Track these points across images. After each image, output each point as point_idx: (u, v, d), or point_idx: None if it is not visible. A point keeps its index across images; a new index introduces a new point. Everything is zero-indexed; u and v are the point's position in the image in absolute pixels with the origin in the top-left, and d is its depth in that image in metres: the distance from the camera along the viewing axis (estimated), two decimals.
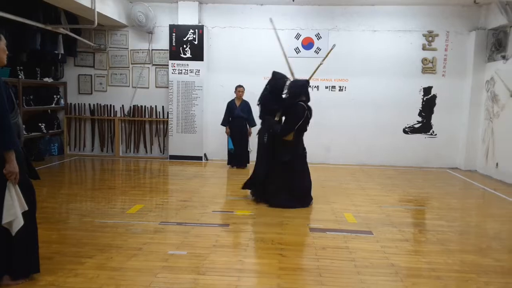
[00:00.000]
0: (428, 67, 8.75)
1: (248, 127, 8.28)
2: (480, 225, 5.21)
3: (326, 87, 8.84)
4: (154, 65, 9.15)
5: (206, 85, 8.86)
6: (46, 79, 8.64)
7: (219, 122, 8.33)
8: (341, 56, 8.16)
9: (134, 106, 9.23)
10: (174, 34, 8.66)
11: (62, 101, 9.24)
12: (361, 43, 8.73)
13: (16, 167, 2.89)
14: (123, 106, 9.26)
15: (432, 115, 8.87)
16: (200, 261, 3.66)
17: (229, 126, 8.25)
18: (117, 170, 8.00)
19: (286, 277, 3.42)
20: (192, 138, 8.87)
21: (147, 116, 9.24)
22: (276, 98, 5.74)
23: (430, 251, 4.07)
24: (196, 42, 8.64)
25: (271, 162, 5.63)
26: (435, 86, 8.79)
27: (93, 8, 7.16)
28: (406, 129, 8.96)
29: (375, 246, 4.15)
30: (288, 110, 5.59)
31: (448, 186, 7.34)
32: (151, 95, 9.21)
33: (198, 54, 8.68)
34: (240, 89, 8.26)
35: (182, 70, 8.75)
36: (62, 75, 9.27)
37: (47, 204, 5.30)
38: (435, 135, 8.91)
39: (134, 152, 9.37)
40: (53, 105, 8.98)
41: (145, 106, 9.22)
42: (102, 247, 3.90)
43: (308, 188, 5.67)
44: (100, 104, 9.28)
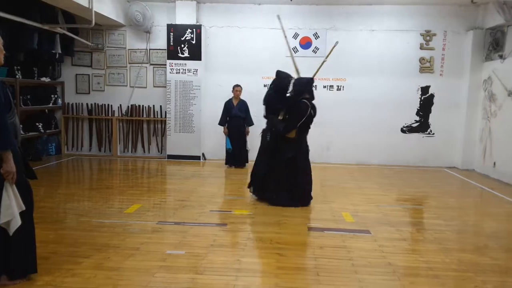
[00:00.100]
0: (425, 66, 8.77)
1: (245, 127, 8.28)
2: (478, 224, 5.23)
3: (324, 87, 8.85)
4: (152, 64, 9.14)
5: (204, 84, 8.85)
6: (44, 79, 8.61)
7: (217, 121, 8.32)
8: (339, 56, 8.14)
9: (132, 105, 9.22)
10: (172, 34, 8.64)
11: (60, 100, 9.22)
12: (359, 42, 8.75)
13: (13, 167, 2.88)
14: (120, 105, 9.25)
15: (430, 115, 8.89)
16: (198, 260, 3.66)
17: (226, 125, 8.25)
18: (114, 169, 7.99)
19: (284, 276, 3.42)
20: (190, 137, 8.87)
21: (145, 115, 9.23)
22: (280, 97, 5.73)
23: (427, 250, 4.08)
24: (194, 42, 8.63)
25: (272, 161, 5.62)
26: (432, 85, 8.81)
27: (90, 7, 7.14)
28: (404, 128, 8.98)
29: (373, 245, 4.15)
30: (291, 107, 5.60)
31: (445, 185, 7.36)
32: (149, 95, 9.20)
33: (196, 53, 8.67)
34: (237, 88, 8.25)
35: (180, 70, 8.74)
36: (60, 75, 9.24)
37: (44, 204, 5.29)
38: (433, 134, 8.93)
39: (132, 152, 9.36)
40: (50, 104, 8.96)
41: (143, 106, 9.21)
42: (99, 247, 3.89)
43: (309, 186, 5.66)
44: (97, 104, 9.26)
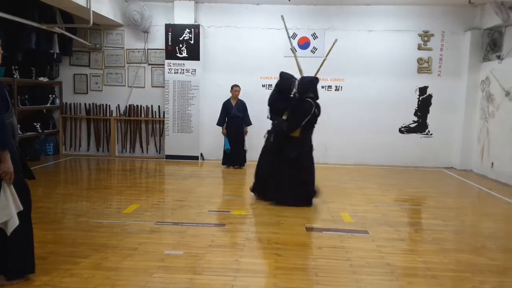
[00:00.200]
0: (423, 67, 8.78)
1: (244, 127, 8.28)
2: (476, 224, 5.24)
3: (323, 87, 8.84)
4: (150, 64, 9.13)
5: (202, 84, 8.84)
6: (41, 79, 8.59)
7: (215, 121, 8.31)
8: (337, 56, 8.14)
9: (130, 105, 9.20)
10: (170, 34, 8.63)
11: (58, 100, 9.20)
12: (357, 42, 8.75)
13: (11, 167, 2.88)
14: (119, 105, 9.24)
15: (428, 115, 8.90)
16: (196, 261, 3.65)
17: (225, 126, 8.24)
18: (112, 169, 7.97)
19: (282, 276, 3.42)
20: (188, 137, 8.86)
21: (143, 115, 9.22)
22: (283, 98, 5.73)
23: (425, 251, 4.09)
24: (192, 42, 8.62)
25: (275, 161, 5.61)
26: (430, 86, 8.82)
27: (88, 7, 7.12)
28: (402, 128, 8.99)
29: (371, 246, 4.16)
30: (295, 106, 5.60)
31: (443, 185, 7.38)
32: (147, 95, 9.19)
33: (194, 53, 8.66)
34: (236, 88, 8.24)
35: (178, 70, 8.73)
36: (58, 75, 9.22)
37: (42, 204, 5.27)
38: (431, 134, 8.95)
39: (130, 152, 9.34)
40: (48, 104, 8.94)
41: (141, 106, 9.19)
42: (97, 247, 3.88)
43: (312, 186, 5.61)
44: (95, 104, 9.24)
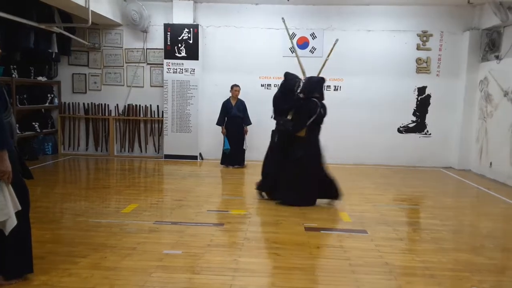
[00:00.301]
0: (422, 67, 8.79)
1: (243, 126, 8.28)
2: (474, 224, 5.25)
3: None
4: (148, 64, 9.12)
5: (201, 84, 8.84)
6: (40, 78, 8.58)
7: (214, 121, 8.31)
8: (336, 56, 8.10)
9: (128, 105, 9.19)
10: (169, 33, 8.63)
11: (56, 100, 9.19)
12: (356, 42, 8.75)
13: (9, 166, 2.87)
14: (117, 105, 9.22)
15: (427, 115, 8.91)
16: (195, 260, 3.65)
17: (225, 125, 8.24)
18: (111, 169, 7.97)
19: (280, 276, 3.42)
20: (187, 137, 8.85)
21: (141, 115, 9.21)
22: (287, 98, 5.73)
23: (424, 250, 4.09)
24: (191, 41, 8.61)
25: (282, 162, 5.61)
26: (429, 86, 8.83)
27: (87, 6, 7.11)
28: (401, 128, 9.00)
29: (370, 245, 4.16)
30: (301, 106, 5.59)
31: (442, 185, 7.39)
32: (145, 94, 9.18)
33: (193, 53, 8.65)
34: (236, 88, 8.24)
35: (177, 69, 8.73)
36: (56, 74, 9.21)
37: (40, 204, 5.26)
38: (429, 134, 8.95)
39: (128, 152, 9.33)
40: (47, 104, 8.93)
41: (139, 105, 9.19)
42: (96, 247, 3.88)
43: (315, 188, 5.55)
44: (94, 103, 9.23)
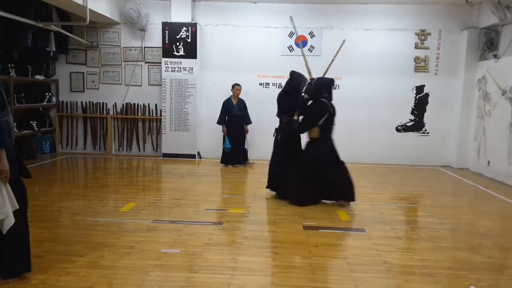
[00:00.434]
0: (420, 65, 8.79)
1: (244, 125, 8.28)
2: (472, 222, 5.26)
3: None
4: (146, 62, 9.10)
5: (199, 83, 8.83)
6: (38, 77, 8.56)
7: (212, 120, 8.30)
8: (334, 55, 8.17)
9: (126, 104, 9.17)
10: (167, 32, 8.61)
11: (54, 98, 9.17)
12: (354, 41, 8.71)
13: (7, 165, 2.86)
14: (115, 104, 9.21)
15: (425, 114, 8.92)
16: (193, 259, 3.65)
17: (225, 124, 8.22)
18: (109, 168, 7.96)
19: (279, 274, 3.43)
20: (186, 136, 8.84)
21: (140, 114, 9.19)
22: (291, 97, 5.73)
23: (422, 249, 4.10)
24: (189, 40, 8.60)
25: (287, 161, 5.61)
26: (427, 84, 8.84)
27: (85, 5, 7.09)
28: (399, 127, 9.00)
29: (368, 244, 4.17)
30: (309, 106, 5.59)
31: (440, 184, 7.40)
32: (144, 93, 9.16)
33: (191, 52, 8.64)
34: (237, 87, 8.24)
35: (175, 68, 8.71)
36: (54, 73, 9.18)
37: (38, 203, 5.25)
38: (428, 133, 8.97)
39: (126, 150, 9.32)
40: (44, 102, 8.90)
41: (137, 104, 9.17)
42: (94, 246, 3.87)
43: (327, 186, 5.54)
44: (92, 102, 9.21)
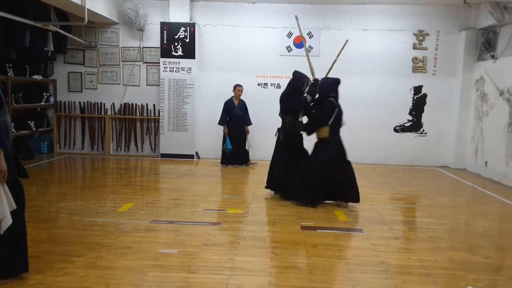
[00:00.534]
0: (418, 66, 8.81)
1: (244, 126, 8.29)
2: (469, 223, 5.27)
3: None
4: (145, 62, 9.09)
5: (197, 83, 8.82)
6: (36, 77, 8.54)
7: (210, 120, 8.30)
8: (332, 55, 8.16)
9: (125, 104, 9.16)
10: (165, 32, 8.60)
11: (52, 98, 9.15)
12: (352, 42, 8.68)
13: (4, 165, 2.86)
14: (113, 104, 9.19)
15: (423, 114, 8.93)
16: (191, 259, 3.65)
17: (227, 125, 8.20)
18: (107, 168, 7.94)
19: (277, 275, 3.43)
20: (184, 136, 8.83)
21: (138, 114, 9.18)
22: (293, 98, 5.73)
23: (420, 249, 4.11)
24: (187, 40, 8.59)
25: (290, 161, 5.61)
26: (425, 85, 8.85)
27: (83, 5, 7.08)
28: (397, 127, 9.01)
29: (366, 244, 4.17)
30: (316, 107, 5.59)
31: (438, 184, 7.41)
32: (142, 93, 9.15)
33: (189, 52, 8.63)
34: (239, 88, 8.25)
35: (173, 68, 8.70)
36: (52, 73, 9.16)
37: (36, 203, 5.24)
38: (426, 133, 8.98)
39: (125, 150, 9.31)
40: (42, 102, 8.88)
41: (136, 104, 9.16)
42: (91, 246, 3.86)
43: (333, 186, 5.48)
44: (90, 102, 9.19)
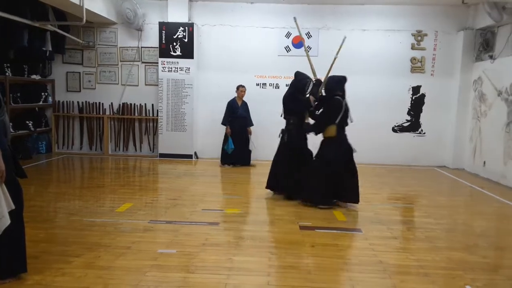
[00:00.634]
0: (417, 66, 8.82)
1: (247, 127, 8.31)
2: (468, 222, 5.27)
3: None
4: (143, 62, 9.08)
5: (196, 83, 8.82)
6: (34, 76, 8.53)
7: (210, 120, 8.30)
8: (331, 55, 8.17)
9: (123, 104, 9.15)
10: (163, 32, 8.60)
11: (50, 98, 9.14)
12: (350, 42, 8.68)
13: (3, 165, 2.85)
14: (112, 104, 9.18)
15: (421, 114, 8.94)
16: (189, 259, 3.65)
17: (229, 125, 8.19)
18: (106, 168, 7.93)
19: (275, 274, 3.43)
20: (182, 136, 8.83)
21: (136, 114, 9.17)
22: (295, 99, 5.73)
23: (418, 249, 4.11)
24: (186, 40, 8.59)
25: (294, 161, 5.62)
26: (423, 85, 8.87)
27: (81, 4, 7.06)
28: (395, 127, 9.03)
29: (364, 244, 4.18)
30: (323, 104, 5.60)
31: (436, 184, 7.43)
32: (140, 93, 9.14)
33: (188, 52, 8.63)
34: (242, 89, 8.26)
35: (172, 68, 8.70)
36: (50, 72, 9.15)
37: (34, 203, 5.23)
38: (424, 133, 8.99)
39: (123, 150, 9.30)
40: (40, 102, 8.87)
41: (134, 104, 9.15)
42: (90, 246, 3.86)
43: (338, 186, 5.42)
44: (88, 102, 9.18)
